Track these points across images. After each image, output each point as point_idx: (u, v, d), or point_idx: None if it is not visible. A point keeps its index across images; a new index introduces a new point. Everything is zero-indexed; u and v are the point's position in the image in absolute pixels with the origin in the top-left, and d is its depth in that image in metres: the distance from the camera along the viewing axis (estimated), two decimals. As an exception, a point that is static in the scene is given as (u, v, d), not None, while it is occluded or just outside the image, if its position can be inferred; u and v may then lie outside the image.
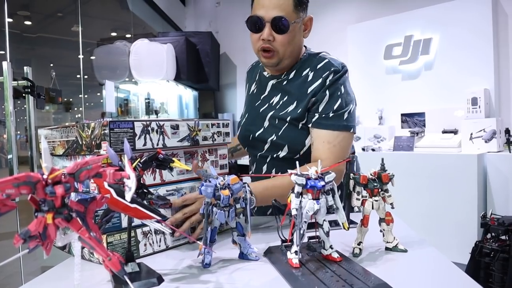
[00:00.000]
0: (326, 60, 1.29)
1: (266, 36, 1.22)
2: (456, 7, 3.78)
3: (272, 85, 1.39)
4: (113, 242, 0.84)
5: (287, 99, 1.32)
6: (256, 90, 1.47)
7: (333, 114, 1.23)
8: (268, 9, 1.21)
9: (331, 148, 1.21)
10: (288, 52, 1.27)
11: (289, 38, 1.24)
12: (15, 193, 0.51)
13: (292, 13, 1.22)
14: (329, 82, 1.24)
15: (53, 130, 1.01)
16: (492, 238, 2.64)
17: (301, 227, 0.76)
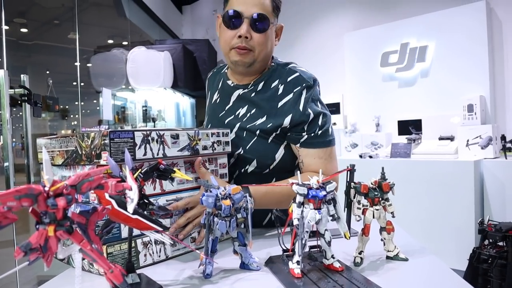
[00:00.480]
0: (296, 73, 1.25)
1: (244, 32, 1.17)
2: (451, 15, 3.81)
3: (238, 95, 1.32)
4: (113, 252, 0.84)
5: (255, 112, 1.26)
6: (219, 100, 1.39)
7: (320, 132, 1.22)
8: (248, 5, 1.17)
9: (323, 162, 1.22)
10: (262, 54, 1.23)
11: (265, 39, 1.21)
12: (16, 205, 0.51)
13: (271, 14, 1.21)
14: (306, 99, 1.21)
15: (52, 140, 1.00)
16: (489, 244, 2.65)
17: (303, 237, 0.76)
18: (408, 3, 4.25)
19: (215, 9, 6.30)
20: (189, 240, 1.01)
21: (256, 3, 1.18)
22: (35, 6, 4.74)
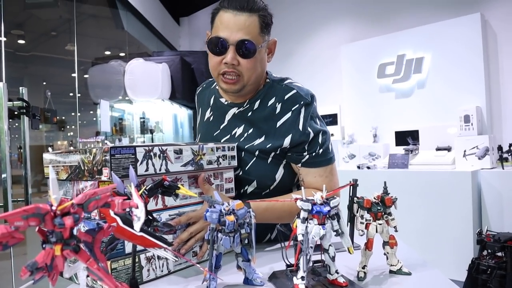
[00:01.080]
0: (294, 90, 1.22)
1: (230, 60, 1.13)
2: (446, 27, 3.86)
3: (234, 114, 1.28)
4: (117, 268, 0.83)
5: (253, 131, 1.23)
6: (212, 118, 1.35)
7: (321, 151, 1.21)
8: (232, 31, 1.12)
9: (325, 179, 1.21)
10: (253, 78, 1.18)
11: (254, 63, 1.16)
12: (23, 225, 0.51)
13: (258, 36, 1.15)
14: (305, 118, 1.19)
15: (57, 155, 1.01)
16: (488, 255, 2.65)
17: (308, 253, 0.76)
18: (404, 15, 4.30)
19: (213, 20, 6.33)
20: (191, 255, 1.00)
21: (240, 27, 1.12)
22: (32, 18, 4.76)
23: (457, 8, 3.91)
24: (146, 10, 5.31)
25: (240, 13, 1.12)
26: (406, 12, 4.29)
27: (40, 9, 4.63)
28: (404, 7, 4.32)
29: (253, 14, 1.13)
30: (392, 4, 4.40)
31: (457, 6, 3.93)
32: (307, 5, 5.04)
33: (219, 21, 1.15)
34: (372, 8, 4.58)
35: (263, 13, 1.16)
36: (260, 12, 1.15)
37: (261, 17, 1.15)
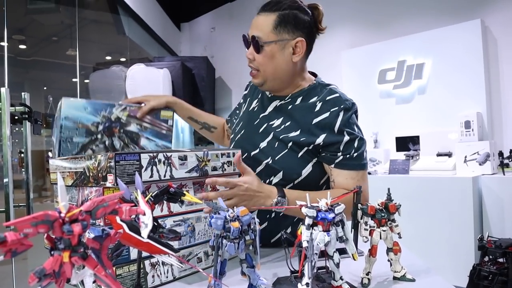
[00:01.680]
0: (336, 94, 1.27)
1: (248, 54, 1.29)
2: (447, 33, 3.87)
3: (275, 106, 1.36)
4: (122, 274, 0.84)
5: (290, 124, 1.28)
6: (257, 108, 1.43)
7: (356, 155, 1.23)
8: (252, 30, 1.27)
9: (356, 182, 1.21)
10: (269, 73, 1.27)
11: (264, 58, 1.26)
12: (33, 232, 0.51)
13: (270, 33, 1.23)
14: (342, 121, 1.22)
15: (63, 161, 1.01)
16: (490, 261, 2.65)
17: (312, 259, 0.76)
18: (405, 21, 4.31)
19: (213, 26, 6.36)
20: (195, 261, 1.00)
21: (256, 25, 1.26)
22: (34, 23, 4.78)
23: (457, 14, 3.93)
24: (147, 15, 5.33)
25: (261, 13, 1.27)
26: (407, 18, 4.31)
27: (41, 15, 4.66)
28: (404, 13, 4.34)
29: (271, 13, 1.24)
30: (392, 10, 4.42)
31: (457, 12, 3.95)
32: (308, 11, 5.06)
33: None
34: (372, 14, 4.60)
35: (283, 13, 1.23)
36: (280, 11, 1.23)
37: (280, 16, 1.23)
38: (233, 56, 5.71)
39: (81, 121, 1.24)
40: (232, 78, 5.95)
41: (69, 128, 1.22)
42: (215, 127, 1.62)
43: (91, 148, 1.25)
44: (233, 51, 5.88)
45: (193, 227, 1.01)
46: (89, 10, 5.09)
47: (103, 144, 1.27)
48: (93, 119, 1.27)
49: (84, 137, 1.24)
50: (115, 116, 1.32)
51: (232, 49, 5.95)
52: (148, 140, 1.38)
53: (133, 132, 1.34)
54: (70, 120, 1.22)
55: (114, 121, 1.31)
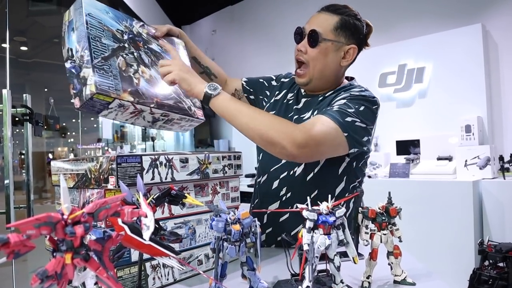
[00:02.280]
0: (362, 89, 1.31)
1: (301, 46, 1.30)
2: (448, 37, 3.88)
3: (307, 100, 1.40)
4: (123, 276, 0.84)
5: (316, 114, 1.27)
6: (292, 101, 1.45)
7: (337, 109, 1.17)
8: (310, 24, 1.30)
9: (318, 123, 1.12)
10: (317, 69, 1.30)
11: (318, 54, 1.28)
12: (35, 233, 0.51)
13: (329, 32, 1.27)
14: (351, 96, 1.23)
15: (65, 163, 1.01)
16: (490, 265, 2.64)
17: (313, 262, 0.76)
18: (406, 25, 4.32)
19: (214, 29, 6.38)
20: (196, 263, 1.01)
21: (316, 21, 1.30)
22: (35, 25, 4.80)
23: (458, 18, 3.94)
24: (148, 17, 5.35)
25: (323, 12, 1.31)
26: (407, 22, 4.32)
27: (43, 16, 4.67)
28: (405, 17, 4.35)
29: (335, 15, 1.29)
30: (393, 14, 4.43)
31: (458, 16, 3.96)
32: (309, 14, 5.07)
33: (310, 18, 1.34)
34: (373, 18, 4.58)
35: (345, 17, 1.29)
36: (343, 15, 1.29)
37: (342, 19, 1.28)
38: (234, 58, 5.72)
39: (105, 24, 1.10)
40: (232, 81, 5.95)
41: (95, 26, 1.06)
42: (215, 76, 1.57)
43: (122, 55, 1.10)
44: (234, 54, 5.90)
45: (194, 230, 1.02)
46: (90, 12, 5.10)
47: (132, 54, 1.13)
48: (116, 25, 1.13)
49: (113, 41, 1.09)
50: (136, 30, 1.21)
51: (233, 52, 5.96)
52: None
53: (156, 51, 1.23)
54: (94, 18, 1.07)
55: (136, 35, 1.19)
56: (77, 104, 1.02)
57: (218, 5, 6.29)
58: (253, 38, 5.89)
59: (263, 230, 1.35)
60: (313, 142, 1.10)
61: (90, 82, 0.97)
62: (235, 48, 6.05)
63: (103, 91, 0.97)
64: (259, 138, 1.10)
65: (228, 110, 1.11)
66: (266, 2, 5.67)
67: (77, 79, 1.02)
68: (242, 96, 1.59)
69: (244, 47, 5.99)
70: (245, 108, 1.13)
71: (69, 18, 1.12)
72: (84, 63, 1.01)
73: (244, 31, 6.04)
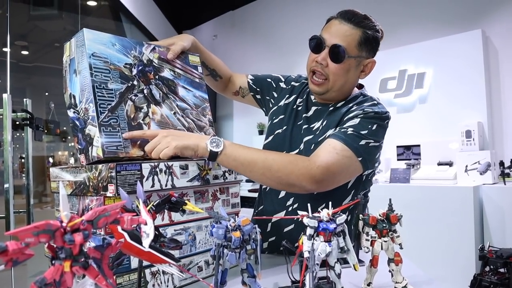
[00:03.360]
0: (374, 102, 1.28)
1: (321, 59, 1.23)
2: (448, 43, 3.89)
3: (317, 109, 1.36)
4: (122, 283, 0.83)
5: (326, 124, 1.28)
6: (301, 108, 1.40)
7: (351, 133, 1.16)
8: (332, 35, 1.22)
9: (332, 152, 1.12)
10: (338, 84, 1.25)
11: (341, 70, 1.23)
12: (34, 241, 0.51)
13: (354, 48, 1.22)
14: (365, 114, 1.20)
15: (63, 170, 1.01)
16: (490, 271, 2.64)
17: (314, 270, 0.76)
18: (406, 31, 4.33)
19: (215, 34, 6.39)
20: (196, 270, 1.00)
21: (340, 34, 1.21)
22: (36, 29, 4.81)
23: (458, 24, 3.95)
24: (149, 23, 5.36)
25: (345, 23, 1.23)
26: (408, 28, 4.33)
27: (44, 21, 4.69)
28: (405, 23, 4.36)
29: (357, 28, 1.23)
30: (393, 20, 4.44)
31: (458, 22, 3.97)
32: (310, 18, 5.09)
33: (327, 25, 1.27)
34: (373, 23, 4.62)
35: (367, 31, 1.24)
36: (365, 29, 1.24)
37: (364, 33, 1.23)
38: (235, 63, 5.72)
39: (112, 62, 1.01)
40: (233, 86, 5.96)
41: (100, 70, 0.98)
42: (220, 77, 1.55)
43: (130, 98, 1.02)
44: (235, 59, 5.90)
45: (194, 236, 1.01)
46: (91, 17, 5.12)
47: (142, 93, 1.05)
48: (124, 59, 1.04)
49: (120, 83, 1.01)
50: (146, 58, 1.10)
51: (234, 57, 5.97)
52: (186, 90, 1.19)
53: (168, 79, 1.14)
54: (98, 58, 0.98)
55: (147, 64, 1.10)
56: (83, 161, 0.99)
57: (219, 11, 6.31)
58: (254, 43, 5.91)
59: (266, 239, 1.34)
60: (330, 175, 1.11)
61: (96, 144, 0.93)
62: (236, 53, 6.06)
63: (111, 153, 0.93)
64: (277, 184, 1.13)
65: (237, 164, 1.08)
66: (267, 8, 5.69)
67: (82, 135, 0.98)
68: (247, 95, 1.56)
69: (245, 52, 6.00)
70: (254, 156, 1.10)
71: (71, 54, 1.04)
72: (89, 118, 0.96)
73: (245, 36, 6.06)
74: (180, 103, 1.14)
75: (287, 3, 5.44)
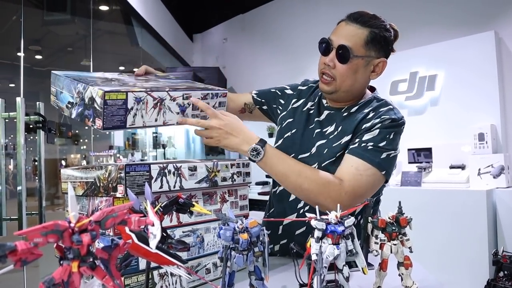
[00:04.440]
0: (390, 106, 1.27)
1: (328, 61, 1.24)
2: (460, 45, 3.84)
3: (329, 113, 1.35)
4: (130, 284, 0.84)
5: (341, 130, 1.28)
6: (313, 112, 1.40)
7: (371, 147, 1.17)
8: (339, 37, 1.22)
9: (357, 175, 1.14)
10: (346, 85, 1.25)
11: (348, 70, 1.22)
12: (42, 241, 0.51)
13: (361, 47, 1.21)
14: (382, 123, 1.21)
15: (74, 171, 1.02)
16: (504, 276, 2.60)
17: (322, 273, 0.75)
18: (417, 33, 4.30)
19: (225, 37, 6.41)
20: (204, 272, 1.00)
21: (345, 35, 1.22)
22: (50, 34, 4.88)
23: (470, 26, 3.91)
24: (160, 27, 5.40)
25: (351, 23, 1.23)
26: (419, 29, 4.30)
27: (57, 26, 4.75)
28: (416, 24, 4.32)
29: (364, 27, 1.22)
30: (404, 22, 4.40)
31: (470, 23, 3.92)
32: (320, 22, 5.08)
33: (335, 28, 1.28)
34: (384, 26, 4.59)
35: (375, 30, 1.23)
36: (372, 28, 1.22)
37: (372, 33, 1.22)
38: (245, 66, 5.74)
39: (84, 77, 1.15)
40: (243, 89, 5.97)
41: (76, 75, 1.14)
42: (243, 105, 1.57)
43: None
44: (244, 62, 5.92)
45: (202, 238, 1.01)
46: (103, 21, 5.18)
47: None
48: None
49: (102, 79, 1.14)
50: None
51: (243, 60, 5.99)
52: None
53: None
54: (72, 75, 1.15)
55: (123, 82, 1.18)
56: (99, 125, 0.98)
57: (229, 14, 6.33)
58: (264, 47, 5.91)
59: (277, 241, 1.34)
60: (357, 198, 1.13)
61: (95, 93, 0.96)
62: (246, 56, 6.07)
63: (112, 91, 0.96)
64: (305, 199, 1.19)
65: (272, 173, 1.16)
66: (277, 11, 5.70)
67: (85, 109, 1.02)
68: (254, 109, 1.56)
69: (255, 55, 6.01)
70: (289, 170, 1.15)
71: (55, 94, 1.19)
72: (83, 93, 1.01)
73: (255, 39, 6.07)
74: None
75: (297, 7, 5.44)
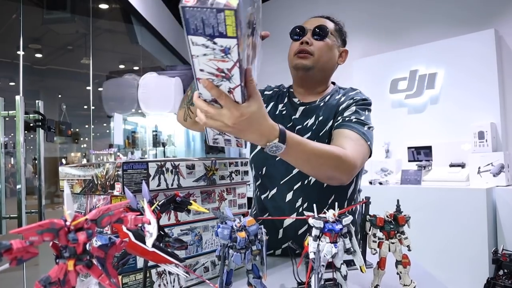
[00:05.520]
0: (357, 90, 1.41)
1: (306, 38, 1.33)
2: (460, 43, 3.84)
3: (304, 109, 1.39)
4: (128, 283, 0.84)
5: (323, 118, 1.33)
6: (286, 112, 1.42)
7: (356, 121, 1.24)
8: (312, 23, 1.37)
9: (353, 144, 1.16)
10: (322, 61, 1.35)
11: (325, 46, 1.34)
12: (38, 240, 0.51)
13: (333, 30, 1.39)
14: (356, 103, 1.31)
15: (72, 168, 1.02)
16: (504, 274, 2.60)
17: (319, 271, 0.75)
18: (417, 31, 4.29)
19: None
20: (202, 271, 1.00)
21: (317, 22, 1.37)
22: (49, 32, 4.87)
23: (470, 24, 3.90)
24: (160, 25, 5.39)
25: (322, 18, 1.42)
26: (419, 28, 4.29)
27: (57, 24, 4.74)
28: (416, 23, 4.32)
29: (331, 22, 1.41)
30: (404, 20, 4.41)
31: (470, 22, 3.92)
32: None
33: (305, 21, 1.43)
34: (384, 24, 4.59)
35: (339, 25, 1.43)
36: (336, 24, 1.42)
37: (337, 25, 1.42)
38: (245, 65, 5.72)
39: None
40: (243, 87, 5.97)
41: None
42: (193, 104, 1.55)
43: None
44: (244, 60, 5.90)
45: (201, 236, 1.01)
46: (103, 20, 5.17)
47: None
48: None
49: None
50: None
51: (243, 58, 5.97)
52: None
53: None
54: None
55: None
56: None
57: (229, 12, 6.31)
58: (263, 46, 5.88)
59: (279, 246, 1.33)
60: (358, 168, 1.17)
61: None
62: (246, 55, 6.05)
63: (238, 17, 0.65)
64: (323, 177, 1.15)
65: (293, 161, 1.03)
66: (276, 11, 5.69)
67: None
68: None
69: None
70: (311, 153, 1.02)
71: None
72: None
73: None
74: None
75: (295, 7, 5.43)
